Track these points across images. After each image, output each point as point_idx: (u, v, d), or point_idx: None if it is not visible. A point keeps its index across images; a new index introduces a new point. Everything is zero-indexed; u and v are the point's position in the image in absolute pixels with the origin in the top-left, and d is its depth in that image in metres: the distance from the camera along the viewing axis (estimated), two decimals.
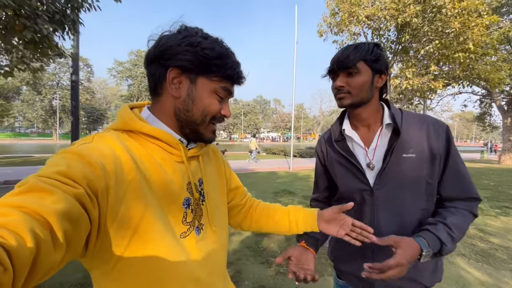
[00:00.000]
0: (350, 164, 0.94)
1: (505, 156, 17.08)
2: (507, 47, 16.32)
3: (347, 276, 1.03)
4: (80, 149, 0.48)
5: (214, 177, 0.77)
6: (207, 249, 0.66)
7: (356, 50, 0.87)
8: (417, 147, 0.86)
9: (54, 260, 0.38)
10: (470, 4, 7.06)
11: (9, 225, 0.34)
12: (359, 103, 0.90)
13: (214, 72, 0.60)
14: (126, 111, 0.62)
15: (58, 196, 0.40)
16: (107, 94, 56.45)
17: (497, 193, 7.07)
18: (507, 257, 3.21)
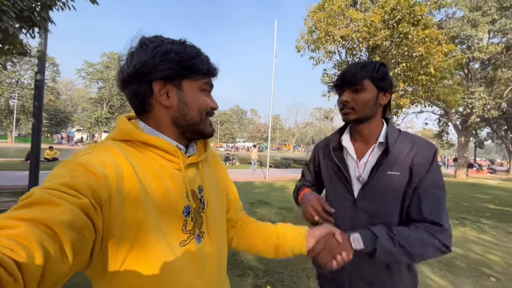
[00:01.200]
0: (341, 174, 0.99)
1: (460, 171, 18.75)
2: (461, 72, 18.29)
3: (326, 284, 1.07)
4: (82, 160, 0.49)
5: (214, 183, 0.76)
6: (206, 258, 0.65)
7: (363, 69, 0.91)
8: (402, 166, 0.89)
9: (61, 271, 0.38)
10: (431, 33, 7.86)
11: (18, 237, 0.34)
12: (363, 119, 0.94)
13: (195, 72, 0.62)
14: (124, 122, 0.62)
15: (64, 207, 0.40)
16: (74, 96, 52.89)
17: (455, 205, 7.70)
18: (465, 265, 3.47)
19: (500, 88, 16.94)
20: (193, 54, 0.62)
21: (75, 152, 0.54)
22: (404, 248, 0.82)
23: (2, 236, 0.34)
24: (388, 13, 7.85)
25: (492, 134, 29.97)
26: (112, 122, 41.91)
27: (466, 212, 6.81)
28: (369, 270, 0.95)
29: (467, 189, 11.96)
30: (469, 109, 16.74)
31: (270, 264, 3.09)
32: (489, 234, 4.98)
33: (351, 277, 0.97)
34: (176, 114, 0.63)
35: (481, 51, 15.62)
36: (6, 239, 0.34)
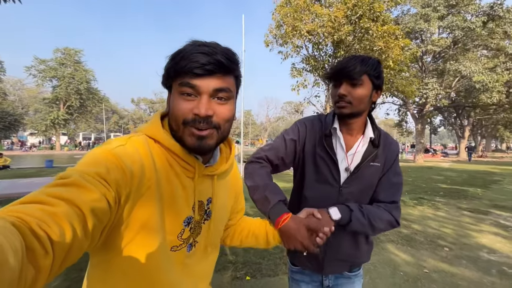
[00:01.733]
0: (331, 161, 1.01)
1: (418, 156, 20.50)
2: (416, 65, 19.85)
3: (300, 259, 1.12)
4: (117, 152, 0.53)
5: (225, 198, 0.77)
6: (193, 266, 0.68)
7: (363, 63, 0.92)
8: (381, 159, 1.03)
9: (81, 248, 0.43)
10: (389, 28, 8.41)
11: (56, 215, 0.39)
12: (356, 114, 0.97)
13: (174, 72, 0.57)
14: (155, 120, 0.63)
15: (96, 195, 0.45)
16: (24, 96, 47.79)
17: (414, 187, 8.43)
18: (423, 239, 3.85)
19: (449, 79, 18.74)
20: (174, 54, 0.58)
21: (110, 140, 0.57)
22: (370, 221, 0.95)
23: (42, 211, 0.38)
24: (350, 9, 8.23)
25: (444, 121, 33.09)
26: (71, 123, 38.67)
27: (424, 192, 7.50)
28: (340, 246, 1.05)
29: (425, 172, 13.14)
30: (424, 99, 18.29)
31: (248, 255, 3.14)
32: (443, 210, 5.55)
33: (325, 253, 1.05)
34: (169, 123, 0.63)
35: (433, 44, 17.08)
36: (45, 215, 0.38)
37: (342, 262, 1.08)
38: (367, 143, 1.02)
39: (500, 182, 9.92)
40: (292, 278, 1.17)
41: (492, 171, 13.80)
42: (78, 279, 2.50)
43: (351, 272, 1.12)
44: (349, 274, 1.12)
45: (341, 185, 1.01)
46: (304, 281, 1.13)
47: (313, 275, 1.12)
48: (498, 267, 2.99)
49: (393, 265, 3.01)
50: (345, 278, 1.12)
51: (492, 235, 4.07)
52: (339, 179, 1.01)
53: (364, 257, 1.11)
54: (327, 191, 1.02)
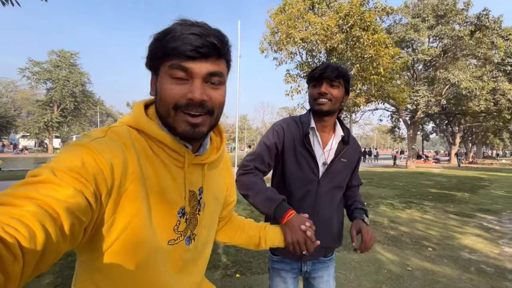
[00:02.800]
0: (310, 157, 1.13)
1: (410, 162, 20.84)
2: (408, 73, 20.36)
3: (281, 250, 1.19)
4: (94, 145, 0.48)
5: (217, 187, 0.74)
6: (192, 260, 0.65)
7: (340, 69, 1.09)
8: (349, 156, 1.20)
9: (58, 251, 0.39)
10: (380, 37, 8.70)
11: (23, 217, 0.35)
12: (332, 112, 1.13)
13: (163, 53, 0.53)
14: (138, 110, 0.59)
15: (70, 191, 0.41)
16: (17, 98, 47.20)
17: (404, 191, 8.62)
18: (409, 240, 3.99)
19: (440, 86, 19.23)
20: (166, 31, 0.53)
21: (87, 133, 0.53)
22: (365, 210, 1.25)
23: (6, 213, 0.35)
24: (342, 18, 8.51)
25: (436, 128, 33.73)
26: (64, 126, 38.26)
27: (413, 196, 7.69)
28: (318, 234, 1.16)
29: (416, 177, 13.38)
30: (415, 105, 18.72)
31: (239, 255, 3.23)
32: (430, 213, 5.72)
33: None
34: (156, 107, 0.59)
35: (423, 53, 17.59)
36: (11, 218, 0.34)
37: (319, 248, 1.18)
38: (339, 140, 1.17)
39: (487, 187, 10.20)
40: (273, 268, 1.25)
41: (480, 177, 14.14)
42: (70, 276, 2.56)
43: (326, 257, 1.25)
44: (324, 259, 1.25)
45: (320, 179, 1.14)
46: (284, 269, 1.23)
47: (293, 263, 1.22)
48: (477, 265, 3.14)
49: (378, 263, 3.13)
50: (321, 263, 1.25)
51: (474, 236, 4.24)
52: (318, 173, 1.14)
53: (337, 243, 1.25)
54: (308, 185, 1.14)
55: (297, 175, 1.14)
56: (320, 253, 1.22)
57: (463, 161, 28.27)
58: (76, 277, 0.60)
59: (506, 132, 36.63)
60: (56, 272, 2.68)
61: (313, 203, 1.15)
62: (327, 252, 1.25)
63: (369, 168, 20.34)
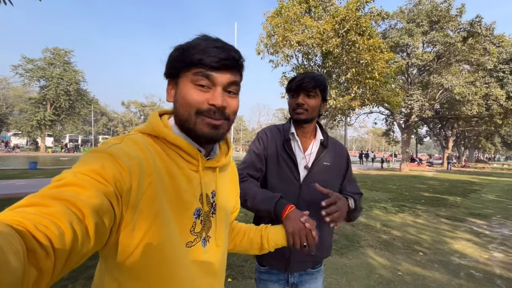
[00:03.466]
0: (291, 162, 1.16)
1: (404, 165, 21.06)
2: (403, 77, 20.60)
3: (268, 260, 1.21)
4: (112, 150, 0.51)
5: (228, 192, 0.77)
6: (210, 262, 0.66)
7: (316, 79, 1.13)
8: (331, 159, 1.21)
9: (84, 251, 0.41)
10: (375, 42, 8.80)
11: (52, 215, 0.38)
12: (310, 120, 1.17)
13: (187, 63, 0.58)
14: (155, 117, 0.63)
15: (92, 192, 0.44)
16: (9, 95, 46.41)
17: (398, 195, 8.70)
18: (401, 244, 4.03)
19: (434, 91, 19.51)
20: (189, 45, 0.59)
21: (104, 141, 0.56)
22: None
23: (37, 213, 0.37)
24: (338, 23, 8.58)
25: (429, 131, 34.19)
26: (57, 125, 37.75)
27: (406, 200, 7.77)
28: None
29: (409, 180, 13.53)
30: (409, 109, 18.95)
31: (231, 258, 3.22)
32: (422, 217, 5.79)
33: (290, 253, 1.15)
34: (175, 111, 0.63)
35: (417, 58, 17.83)
36: (41, 216, 0.36)
37: (306, 258, 1.18)
38: (319, 145, 1.21)
39: (479, 191, 10.36)
40: (260, 279, 1.24)
41: (472, 181, 14.36)
42: (87, 277, 2.51)
43: (314, 269, 1.24)
44: (312, 271, 1.23)
45: (301, 182, 1.15)
46: (271, 280, 1.22)
47: (280, 274, 1.21)
48: (467, 271, 3.18)
49: (370, 268, 3.15)
50: (308, 275, 1.23)
51: (465, 241, 4.29)
52: (299, 177, 1.16)
53: (325, 253, 1.23)
54: (289, 189, 1.16)
55: (277, 178, 1.18)
56: (307, 264, 1.21)
57: (455, 165, 28.73)
58: (99, 282, 0.61)
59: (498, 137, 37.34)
60: None
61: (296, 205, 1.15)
62: (314, 263, 1.23)
63: (363, 171, 20.50)
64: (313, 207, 1.15)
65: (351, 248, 3.76)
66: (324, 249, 1.22)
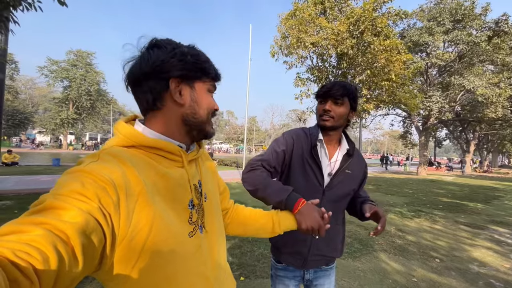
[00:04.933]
0: (317, 167, 1.19)
1: (421, 168, 20.37)
2: (421, 78, 19.95)
3: (286, 257, 1.27)
4: (90, 168, 0.50)
5: (210, 178, 0.82)
6: (210, 246, 0.71)
7: (345, 88, 1.15)
8: (353, 168, 1.24)
9: (73, 275, 0.40)
10: (392, 43, 8.60)
11: (33, 241, 0.36)
12: (336, 128, 1.19)
13: (206, 75, 0.68)
14: (124, 127, 0.63)
15: (74, 212, 0.42)
16: (35, 95, 48.97)
17: (414, 199, 8.46)
18: (416, 250, 3.94)
19: (454, 92, 18.75)
20: (205, 59, 0.68)
21: (80, 160, 0.54)
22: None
23: (17, 241, 0.35)
24: (353, 24, 8.46)
25: (449, 134, 32.85)
26: (79, 123, 39.45)
27: (423, 205, 7.54)
28: (321, 244, 1.22)
29: (426, 185, 13.09)
30: (427, 111, 18.31)
31: (243, 258, 3.28)
32: (440, 223, 5.61)
33: (309, 250, 1.21)
34: (187, 112, 0.66)
35: (438, 58, 17.20)
36: (21, 243, 0.35)
37: (321, 257, 1.25)
38: (344, 153, 1.23)
39: (502, 198, 9.87)
40: (276, 275, 1.30)
41: (495, 187, 13.69)
42: None
43: (327, 266, 1.30)
44: (326, 267, 1.30)
45: (324, 188, 1.19)
46: (287, 277, 1.28)
47: (296, 270, 1.27)
48: (486, 280, 3.07)
49: (383, 273, 3.11)
50: (322, 271, 1.29)
51: (485, 249, 4.14)
52: (323, 182, 1.19)
53: (338, 253, 1.29)
54: (313, 194, 1.18)
55: (302, 183, 1.19)
56: (321, 262, 1.27)
57: (476, 170, 27.46)
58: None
59: None
60: None
61: None
62: (328, 261, 1.29)
63: (378, 174, 20.02)
64: (333, 212, 1.21)
65: (364, 252, 3.72)
66: (338, 249, 1.27)
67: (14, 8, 3.81)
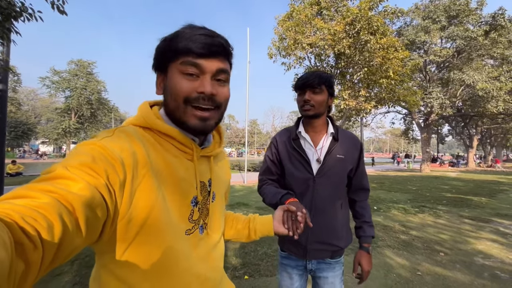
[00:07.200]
0: (301, 157, 1.24)
1: (424, 165, 20.26)
2: (420, 75, 19.94)
3: (287, 246, 1.30)
4: (103, 143, 0.50)
5: (222, 180, 0.78)
6: (208, 248, 0.68)
7: (321, 76, 1.20)
8: (345, 152, 1.26)
9: (75, 244, 0.41)
10: (388, 41, 8.64)
11: (40, 207, 0.36)
12: (318, 115, 1.24)
13: (173, 52, 0.57)
14: (145, 108, 0.63)
15: (83, 184, 0.43)
16: (37, 106, 49.48)
17: (417, 196, 8.42)
18: (421, 244, 3.93)
19: (454, 88, 18.71)
20: (174, 35, 0.58)
21: (96, 134, 0.55)
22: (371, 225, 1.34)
23: (26, 205, 0.36)
24: (349, 24, 8.53)
25: (451, 130, 32.70)
26: (81, 132, 39.75)
27: (426, 201, 7.51)
28: (320, 230, 1.24)
29: (430, 181, 13.02)
30: (429, 108, 18.28)
31: (247, 257, 3.29)
32: (444, 218, 5.59)
33: (307, 238, 1.23)
34: (164, 104, 0.63)
35: (435, 55, 17.21)
36: (29, 209, 0.35)
37: (323, 246, 1.24)
38: (330, 138, 1.26)
39: (507, 191, 9.80)
40: (281, 263, 1.34)
41: (500, 181, 13.58)
42: (88, 275, 2.71)
43: (332, 259, 1.29)
44: (330, 261, 1.29)
45: (315, 176, 1.22)
46: (290, 265, 1.30)
47: (298, 260, 1.29)
48: (491, 271, 3.06)
49: (387, 267, 3.11)
50: (326, 264, 1.29)
51: (489, 241, 4.12)
52: (312, 170, 1.23)
53: (342, 241, 1.27)
54: (304, 183, 1.24)
55: (293, 174, 1.26)
56: (325, 253, 1.26)
57: (480, 165, 27.26)
58: (96, 276, 0.60)
59: None
60: (74, 271, 2.83)
61: (310, 198, 1.23)
62: (333, 253, 1.27)
63: (381, 171, 19.94)
64: (328, 198, 1.23)
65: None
66: (340, 237, 1.27)
67: (16, 19, 3.90)
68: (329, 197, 1.24)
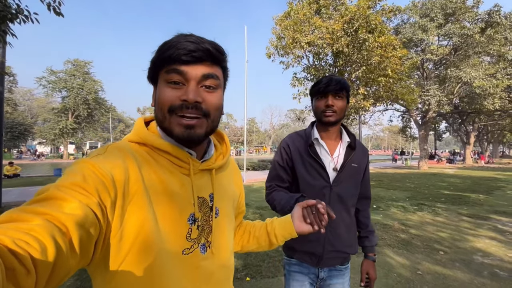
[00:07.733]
0: (318, 165, 1.20)
1: (422, 162, 20.37)
2: (418, 72, 20.00)
3: (299, 254, 1.26)
4: (94, 160, 0.51)
5: (228, 193, 0.73)
6: (211, 269, 0.63)
7: (342, 81, 1.17)
8: (358, 161, 1.26)
9: (69, 266, 0.40)
10: (386, 39, 8.65)
11: (33, 231, 0.36)
12: (338, 122, 1.21)
13: (161, 61, 0.57)
14: (140, 124, 0.63)
15: (75, 204, 0.42)
16: (33, 106, 49.08)
17: (416, 193, 8.48)
18: (420, 243, 3.96)
19: (451, 85, 18.79)
20: (165, 42, 0.57)
21: (91, 151, 0.56)
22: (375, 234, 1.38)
23: (17, 229, 0.35)
24: (347, 22, 8.52)
25: (449, 127, 32.85)
26: (78, 132, 39.49)
27: (425, 198, 7.56)
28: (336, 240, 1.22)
29: (428, 178, 13.10)
30: (426, 105, 18.35)
31: (249, 258, 3.30)
32: (442, 216, 5.63)
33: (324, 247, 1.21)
34: (154, 115, 0.62)
35: (432, 53, 17.26)
36: (21, 232, 0.35)
37: (337, 254, 1.24)
38: (346, 147, 1.24)
39: (504, 188, 9.89)
40: (289, 271, 1.28)
41: (497, 177, 13.70)
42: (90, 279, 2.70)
43: (342, 265, 1.29)
44: (340, 267, 1.29)
45: (332, 184, 1.20)
46: (302, 272, 1.26)
47: (310, 267, 1.26)
48: (490, 269, 3.09)
49: (388, 267, 3.14)
50: (337, 271, 1.28)
51: (488, 239, 4.16)
52: (328, 178, 1.20)
53: (351, 249, 1.28)
54: (321, 190, 1.20)
55: (309, 182, 1.22)
56: (337, 260, 1.26)
57: (477, 161, 27.45)
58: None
59: None
60: (76, 275, 2.82)
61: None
62: (343, 260, 1.28)
63: (380, 169, 20.03)
64: (344, 207, 1.23)
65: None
66: (350, 245, 1.26)
67: (11, 21, 3.85)
68: (345, 206, 1.23)
